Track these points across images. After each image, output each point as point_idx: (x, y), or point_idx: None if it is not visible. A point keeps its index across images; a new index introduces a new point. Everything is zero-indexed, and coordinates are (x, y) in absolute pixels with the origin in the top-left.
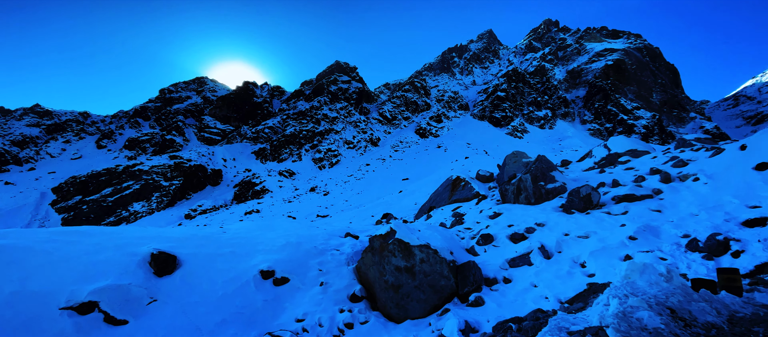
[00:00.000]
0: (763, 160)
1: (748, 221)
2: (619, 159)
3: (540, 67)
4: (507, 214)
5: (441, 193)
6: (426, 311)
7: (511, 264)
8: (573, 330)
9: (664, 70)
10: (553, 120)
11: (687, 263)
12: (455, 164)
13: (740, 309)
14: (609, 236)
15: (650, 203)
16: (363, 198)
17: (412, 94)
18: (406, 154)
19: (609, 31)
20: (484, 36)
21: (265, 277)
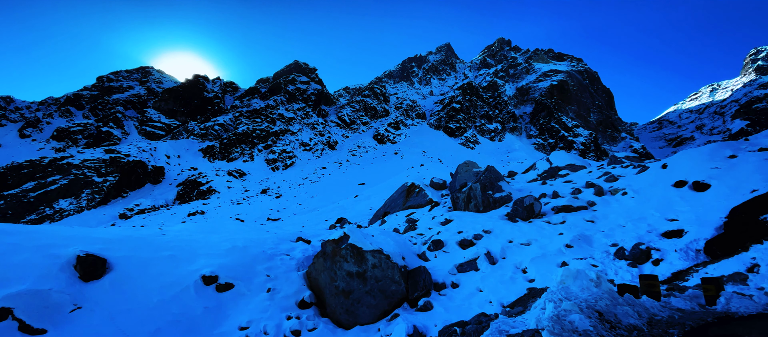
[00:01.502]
0: (680, 179)
1: (667, 232)
2: (559, 172)
3: (492, 83)
4: (457, 221)
5: (396, 199)
6: (376, 316)
7: (459, 269)
8: (512, 333)
9: (601, 93)
10: (503, 133)
11: (615, 269)
12: (411, 171)
13: (658, 312)
14: (548, 243)
15: (585, 214)
16: (318, 202)
17: (372, 100)
18: (364, 159)
19: (555, 54)
20: (443, 49)
21: (207, 282)
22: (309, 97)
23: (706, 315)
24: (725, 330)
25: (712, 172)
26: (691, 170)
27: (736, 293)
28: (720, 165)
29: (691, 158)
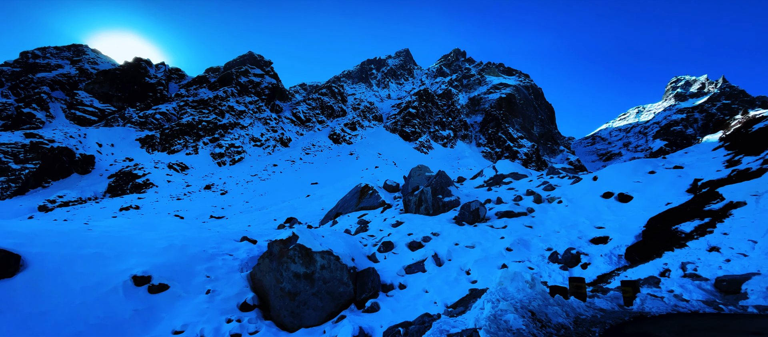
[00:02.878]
0: (608, 190)
1: (595, 238)
2: (503, 180)
3: (447, 91)
4: (408, 223)
5: (349, 200)
6: (322, 318)
7: (407, 271)
8: (452, 333)
9: (544, 108)
10: (455, 140)
11: (548, 272)
12: (365, 173)
13: (584, 312)
14: (491, 246)
15: (525, 220)
16: (267, 200)
17: (329, 99)
18: (318, 158)
19: (505, 68)
20: (402, 54)
21: (139, 283)
22: (262, 91)
23: (623, 314)
24: (639, 328)
25: (635, 185)
26: (617, 183)
27: (650, 295)
28: (641, 180)
29: (617, 172)
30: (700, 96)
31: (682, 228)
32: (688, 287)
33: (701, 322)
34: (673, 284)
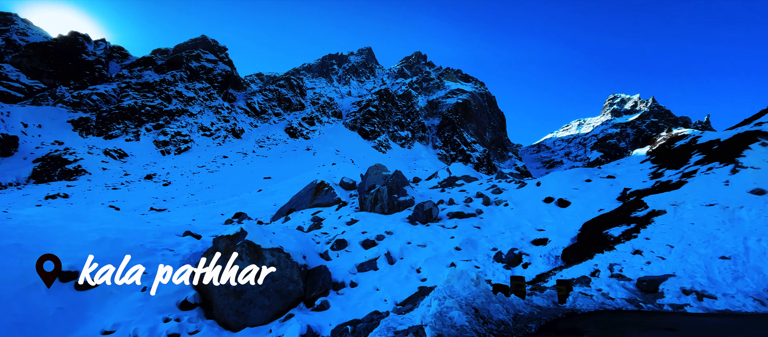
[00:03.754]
0: (549, 196)
1: (536, 240)
2: (456, 182)
3: (407, 93)
4: (363, 221)
5: (303, 196)
6: (269, 317)
7: (359, 269)
8: (399, 330)
9: (496, 116)
10: (412, 141)
11: (493, 271)
12: (322, 169)
13: (522, 309)
14: (441, 246)
15: (474, 221)
16: (214, 194)
17: (287, 91)
18: (273, 151)
19: (462, 75)
20: (364, 52)
21: (65, 279)
22: (215, 78)
23: (557, 311)
24: (570, 324)
25: (573, 192)
26: (557, 189)
27: (581, 293)
28: (579, 187)
29: (558, 179)
30: (632, 113)
31: (611, 232)
32: (614, 287)
33: (624, 318)
34: (601, 283)
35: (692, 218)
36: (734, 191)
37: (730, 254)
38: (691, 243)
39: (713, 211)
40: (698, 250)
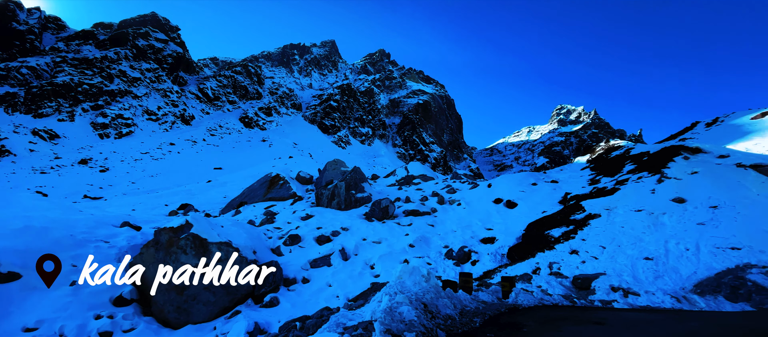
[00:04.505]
0: (498, 197)
1: (485, 239)
2: (413, 181)
3: (370, 90)
4: (318, 217)
5: (256, 189)
6: (213, 314)
7: (312, 265)
8: (349, 325)
9: (454, 118)
10: (373, 138)
11: (444, 267)
12: (278, 162)
13: (469, 304)
14: (396, 242)
15: (428, 219)
16: (158, 183)
17: (244, 79)
18: (225, 141)
19: (424, 76)
20: (328, 45)
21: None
22: (164, 59)
23: (501, 307)
24: (512, 318)
25: (520, 194)
26: (506, 191)
27: (523, 290)
28: (526, 190)
29: (507, 182)
30: (577, 123)
31: (552, 233)
32: (553, 284)
33: (560, 313)
34: (541, 280)
35: (622, 222)
36: (659, 199)
37: (653, 256)
38: (621, 245)
39: (641, 216)
40: (626, 251)
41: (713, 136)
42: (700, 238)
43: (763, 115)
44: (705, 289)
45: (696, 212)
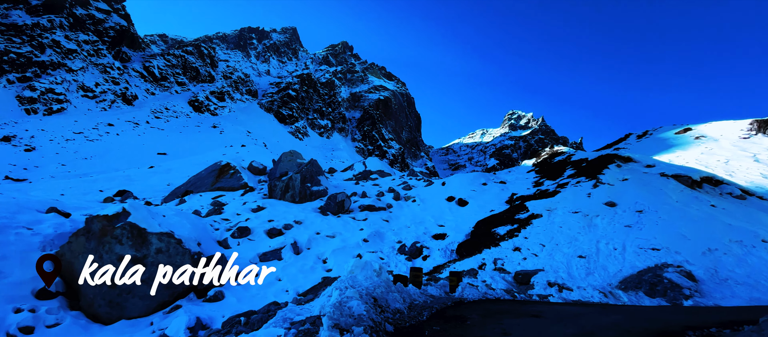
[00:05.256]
0: (451, 195)
1: (436, 235)
2: (371, 176)
3: (330, 82)
4: (270, 209)
5: (204, 177)
6: (151, 308)
7: (262, 258)
8: (296, 320)
9: (414, 116)
10: (332, 131)
11: (396, 262)
12: (229, 150)
13: (418, 298)
14: (350, 237)
15: (383, 214)
16: (93, 166)
17: (196, 60)
18: (171, 125)
19: (386, 72)
20: (288, 31)
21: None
22: (106, 32)
23: (448, 300)
24: (457, 311)
25: (472, 193)
26: (459, 190)
27: (469, 284)
28: (477, 189)
29: (460, 181)
30: (526, 128)
31: (498, 231)
32: (496, 279)
33: (501, 307)
34: (486, 275)
35: (561, 222)
36: (593, 202)
37: (586, 254)
38: (558, 243)
39: (577, 217)
40: (563, 249)
41: (643, 147)
42: (627, 239)
43: (684, 130)
44: (628, 285)
45: (624, 215)
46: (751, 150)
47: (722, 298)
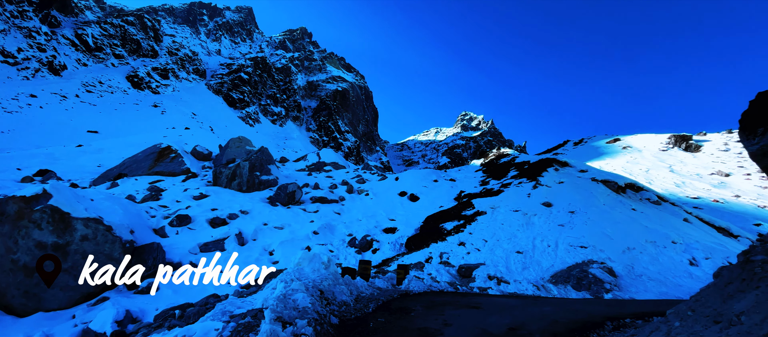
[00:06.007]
0: (403, 190)
1: (387, 228)
2: (324, 168)
3: (287, 68)
4: (215, 197)
5: (141, 160)
6: (74, 300)
7: (203, 249)
8: (236, 313)
9: (371, 110)
10: (285, 119)
11: (345, 255)
12: (171, 132)
13: (365, 290)
14: (300, 229)
15: (335, 207)
16: (10, 141)
17: (137, 31)
18: (105, 100)
19: (345, 63)
20: (244, 10)
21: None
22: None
23: (394, 292)
24: (402, 303)
25: (423, 189)
26: (411, 185)
27: (415, 277)
28: (428, 185)
29: (413, 177)
30: (477, 130)
31: (446, 226)
32: (441, 272)
33: (444, 298)
34: (432, 268)
35: (503, 220)
36: (532, 202)
37: (523, 250)
38: (499, 239)
39: (517, 216)
40: (503, 245)
41: (578, 153)
42: (560, 237)
43: (614, 140)
44: (558, 279)
45: (559, 215)
46: (668, 161)
47: (637, 292)
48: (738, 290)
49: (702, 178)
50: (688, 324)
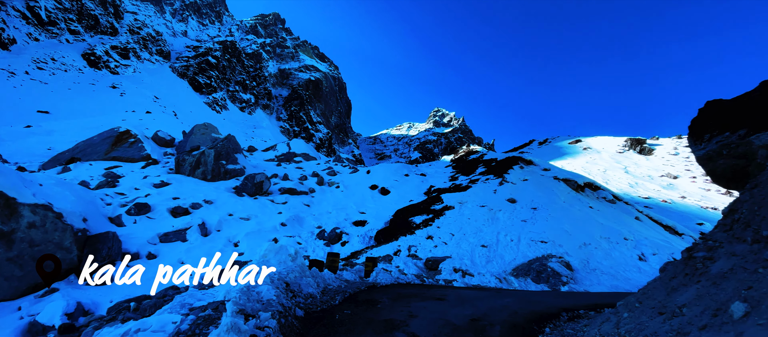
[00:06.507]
0: (374, 183)
1: (357, 221)
2: (295, 158)
3: (257, 54)
4: (177, 185)
5: (97, 144)
6: (20, 291)
7: (162, 239)
8: (196, 306)
9: (344, 102)
10: (255, 107)
11: (314, 247)
12: (131, 116)
13: (332, 283)
14: (267, 220)
15: (305, 199)
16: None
17: (95, 6)
18: (58, 78)
19: (319, 53)
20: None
21: None
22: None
23: (362, 285)
24: (369, 295)
25: (394, 183)
26: (382, 179)
27: (383, 269)
28: (399, 179)
29: (384, 171)
30: (448, 126)
31: (415, 220)
32: (409, 264)
33: (411, 290)
34: (400, 261)
35: (470, 214)
36: (498, 198)
37: (488, 244)
38: (466, 233)
39: (483, 211)
40: (469, 239)
41: (542, 152)
42: (522, 232)
43: (576, 141)
44: (519, 272)
45: (522, 211)
46: (624, 163)
47: (591, 285)
48: (681, 284)
49: (653, 179)
50: (636, 315)
